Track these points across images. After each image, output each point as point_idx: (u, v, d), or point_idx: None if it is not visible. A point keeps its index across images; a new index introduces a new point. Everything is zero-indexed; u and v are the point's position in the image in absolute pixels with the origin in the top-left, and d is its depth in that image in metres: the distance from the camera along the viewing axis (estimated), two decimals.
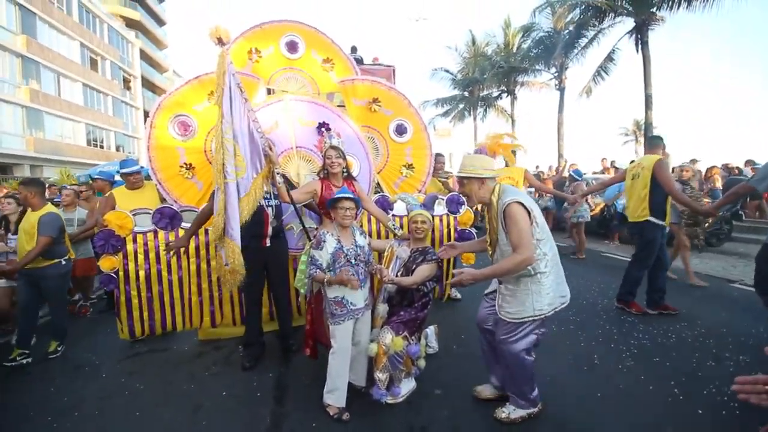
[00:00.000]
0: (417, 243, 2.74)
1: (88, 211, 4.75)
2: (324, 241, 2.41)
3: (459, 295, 4.61)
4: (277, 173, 2.90)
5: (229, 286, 2.80)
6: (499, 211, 2.12)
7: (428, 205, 3.06)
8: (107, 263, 3.38)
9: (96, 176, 5.02)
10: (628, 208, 4.14)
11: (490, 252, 2.36)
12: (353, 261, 2.45)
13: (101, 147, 25.82)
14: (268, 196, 3.05)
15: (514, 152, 5.13)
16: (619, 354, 3.16)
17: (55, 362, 3.43)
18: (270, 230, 3.08)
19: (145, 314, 3.46)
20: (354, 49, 7.29)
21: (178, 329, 3.60)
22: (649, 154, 3.96)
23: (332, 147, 3.04)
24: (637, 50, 13.11)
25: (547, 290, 2.14)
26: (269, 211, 3.06)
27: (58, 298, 3.62)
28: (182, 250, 3.43)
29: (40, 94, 20.34)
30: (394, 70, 6.63)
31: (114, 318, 3.56)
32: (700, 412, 2.37)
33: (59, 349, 3.56)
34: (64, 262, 3.53)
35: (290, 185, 3.20)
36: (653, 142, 4.11)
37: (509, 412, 2.32)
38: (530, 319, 2.14)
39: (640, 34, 12.92)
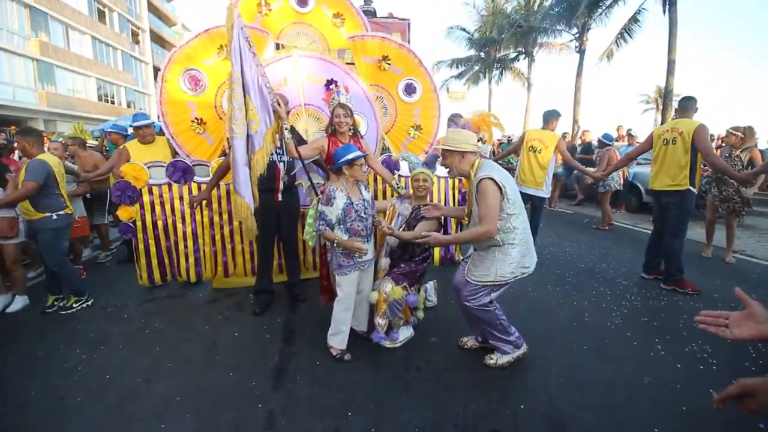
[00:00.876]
0: (418, 200, 2.85)
1: (78, 167, 4.63)
2: (334, 198, 2.50)
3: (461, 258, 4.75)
4: (285, 128, 2.96)
5: (248, 237, 2.93)
6: (475, 184, 2.25)
7: (430, 163, 3.15)
8: (125, 213, 3.57)
9: (110, 129, 5.11)
10: (656, 176, 3.78)
11: (467, 222, 2.50)
12: (363, 215, 2.56)
13: (112, 102, 25.79)
14: (281, 152, 3.14)
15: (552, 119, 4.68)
16: (609, 313, 3.31)
17: None
18: (281, 185, 3.20)
19: (166, 260, 3.67)
20: (368, 0, 7.07)
21: (192, 279, 3.82)
22: (683, 118, 3.68)
23: (340, 105, 3.07)
24: (664, 11, 12.42)
25: (512, 260, 2.30)
26: (281, 166, 3.16)
27: (51, 254, 3.41)
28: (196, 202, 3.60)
29: (50, 46, 20.14)
30: (409, 24, 6.44)
31: (133, 267, 3.78)
32: (679, 366, 2.53)
33: (75, 306, 3.54)
34: (55, 217, 3.33)
35: (300, 140, 3.27)
36: (686, 104, 3.74)
37: (496, 358, 2.51)
38: (491, 283, 2.33)
39: None
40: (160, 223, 3.62)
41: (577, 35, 17.40)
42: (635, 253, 5.03)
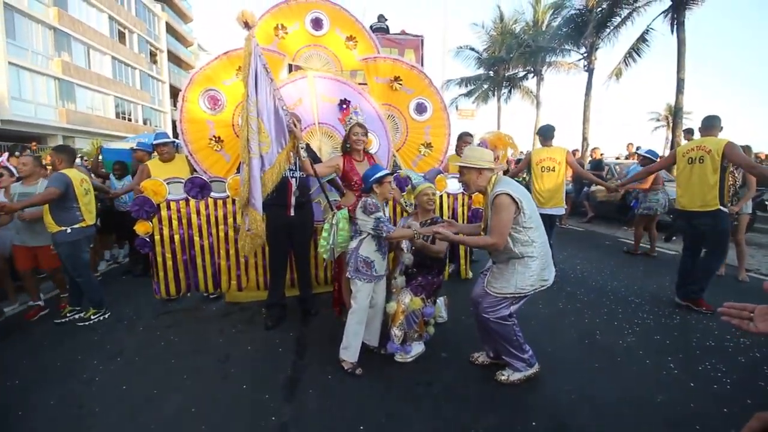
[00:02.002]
0: (425, 215, 2.93)
1: None
2: (377, 205, 2.59)
3: (471, 274, 4.77)
4: (302, 147, 3.08)
5: (250, 249, 3.02)
6: (491, 199, 2.32)
7: (430, 179, 3.28)
8: (142, 228, 3.67)
9: (137, 147, 5.25)
10: (683, 197, 3.68)
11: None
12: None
13: (129, 120, 26.52)
14: (294, 168, 3.25)
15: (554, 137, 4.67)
16: (621, 331, 3.29)
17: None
18: (293, 200, 3.29)
19: (182, 274, 3.75)
20: (382, 18, 7.24)
21: (210, 290, 3.90)
22: (708, 136, 3.60)
23: (359, 125, 3.17)
24: (672, 31, 12.53)
25: (532, 273, 2.34)
26: (293, 182, 3.26)
27: (73, 266, 3.58)
28: (212, 217, 3.71)
29: (72, 66, 20.94)
30: (422, 41, 6.51)
31: (148, 281, 3.87)
32: (692, 384, 2.51)
33: (92, 318, 3.66)
34: (69, 231, 3.48)
35: (315, 158, 3.37)
36: (711, 123, 3.65)
37: (508, 374, 2.52)
38: (511, 295, 2.36)
39: (677, 13, 12.31)
40: (176, 237, 3.71)
41: (585, 54, 17.57)
42: (646, 272, 5.01)
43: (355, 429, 2.14)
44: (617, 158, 12.30)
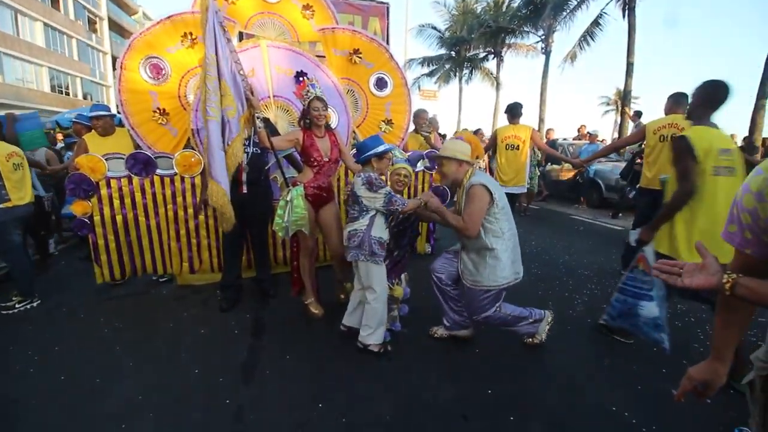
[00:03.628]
0: None
1: None
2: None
3: (430, 250, 4.82)
4: (258, 118, 2.89)
5: (227, 226, 2.84)
6: (466, 189, 2.40)
7: (412, 161, 3.18)
8: (79, 208, 3.37)
9: (75, 120, 4.76)
10: (652, 173, 3.57)
11: None
12: None
13: (67, 94, 24.38)
14: (247, 143, 3.06)
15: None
16: (570, 301, 3.47)
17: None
18: (244, 176, 3.11)
19: (126, 257, 3.51)
20: None
21: (159, 273, 3.70)
22: (675, 113, 3.50)
23: (318, 98, 2.98)
24: (624, 16, 13.01)
25: (503, 265, 2.44)
26: (244, 157, 3.07)
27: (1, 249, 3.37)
28: (159, 196, 3.47)
29: None
30: (387, 8, 6.26)
31: (89, 267, 3.58)
32: (635, 347, 2.69)
33: (18, 306, 3.36)
34: None
35: (273, 131, 3.20)
36: (679, 100, 3.51)
37: (536, 338, 2.67)
38: (486, 287, 2.45)
39: None
40: (119, 218, 3.45)
41: (543, 37, 17.96)
42: (596, 246, 5.29)
43: (315, 408, 2.11)
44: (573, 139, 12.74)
